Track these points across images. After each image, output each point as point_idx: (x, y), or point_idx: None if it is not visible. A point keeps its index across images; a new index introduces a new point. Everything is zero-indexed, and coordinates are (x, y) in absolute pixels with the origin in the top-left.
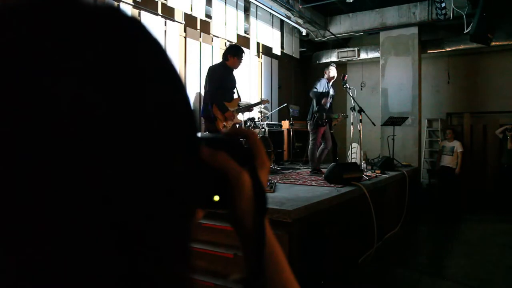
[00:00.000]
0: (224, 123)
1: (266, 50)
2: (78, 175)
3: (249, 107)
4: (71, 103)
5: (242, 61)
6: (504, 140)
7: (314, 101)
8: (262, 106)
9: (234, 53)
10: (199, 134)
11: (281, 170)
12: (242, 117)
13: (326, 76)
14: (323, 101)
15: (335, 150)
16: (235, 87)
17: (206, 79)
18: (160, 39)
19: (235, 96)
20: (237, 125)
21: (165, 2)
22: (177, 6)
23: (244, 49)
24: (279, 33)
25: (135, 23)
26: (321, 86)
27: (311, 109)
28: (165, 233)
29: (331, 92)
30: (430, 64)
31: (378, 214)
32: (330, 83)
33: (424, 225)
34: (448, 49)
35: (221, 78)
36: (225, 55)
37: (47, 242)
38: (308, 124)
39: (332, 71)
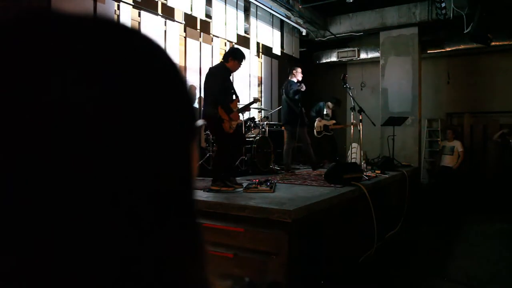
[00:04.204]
0: (230, 124)
1: (266, 50)
2: (81, 174)
3: (245, 107)
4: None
5: (241, 66)
6: (504, 144)
7: (293, 102)
8: (256, 104)
9: (235, 56)
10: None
11: (281, 170)
12: (242, 117)
13: (295, 78)
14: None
15: (335, 150)
16: (233, 88)
17: (207, 80)
18: (160, 39)
19: (234, 97)
20: (238, 125)
21: (165, 2)
22: (177, 6)
23: (244, 49)
24: (279, 33)
25: (126, 29)
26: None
27: (290, 111)
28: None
29: None
30: (430, 64)
31: (378, 214)
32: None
33: (424, 225)
34: (448, 49)
35: (224, 79)
36: (226, 57)
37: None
38: (287, 127)
39: (300, 73)
